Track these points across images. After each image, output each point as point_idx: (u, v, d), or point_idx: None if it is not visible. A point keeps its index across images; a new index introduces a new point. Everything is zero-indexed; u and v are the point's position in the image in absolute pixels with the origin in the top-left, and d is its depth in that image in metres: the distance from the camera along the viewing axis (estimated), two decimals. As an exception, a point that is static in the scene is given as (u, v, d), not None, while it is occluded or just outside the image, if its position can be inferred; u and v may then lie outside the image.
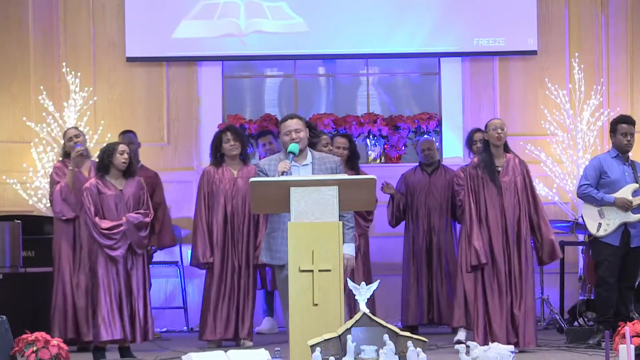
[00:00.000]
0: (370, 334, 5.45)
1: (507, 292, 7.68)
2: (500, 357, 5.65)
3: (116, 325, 7.57)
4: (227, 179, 8.58)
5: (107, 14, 10.79)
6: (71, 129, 8.66)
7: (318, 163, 6.86)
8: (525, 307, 7.65)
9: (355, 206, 6.36)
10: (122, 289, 7.62)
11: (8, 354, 6.43)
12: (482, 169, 7.78)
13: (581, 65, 10.48)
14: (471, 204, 7.77)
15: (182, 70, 10.81)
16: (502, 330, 7.63)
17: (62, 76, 10.55)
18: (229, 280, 8.50)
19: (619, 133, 8.10)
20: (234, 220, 8.54)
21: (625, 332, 5.78)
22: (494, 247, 7.69)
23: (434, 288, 9.35)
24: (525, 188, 7.77)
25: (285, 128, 6.87)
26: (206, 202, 8.61)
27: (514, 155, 7.89)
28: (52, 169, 8.60)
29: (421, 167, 9.51)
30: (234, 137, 8.61)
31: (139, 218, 7.71)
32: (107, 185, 7.73)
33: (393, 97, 11.14)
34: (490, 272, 7.70)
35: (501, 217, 7.72)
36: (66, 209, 8.29)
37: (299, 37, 10.70)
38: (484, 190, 7.76)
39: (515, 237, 7.71)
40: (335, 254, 5.90)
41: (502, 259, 7.68)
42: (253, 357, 6.26)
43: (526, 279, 7.70)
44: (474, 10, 10.64)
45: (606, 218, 8.06)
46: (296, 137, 6.80)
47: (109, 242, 7.61)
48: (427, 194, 9.37)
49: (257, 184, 6.17)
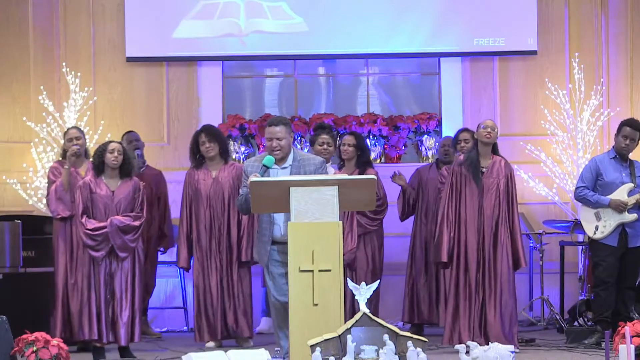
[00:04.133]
0: (370, 334, 5.45)
1: (477, 292, 7.66)
2: (500, 357, 5.65)
3: (92, 326, 7.57)
4: (208, 179, 8.59)
5: (107, 14, 10.79)
6: (72, 129, 8.63)
7: (297, 165, 6.79)
8: (500, 308, 7.61)
9: (355, 206, 6.38)
10: (101, 291, 7.61)
11: (8, 354, 6.43)
12: (466, 167, 7.78)
13: (581, 65, 10.48)
14: (447, 200, 7.75)
15: (182, 70, 10.81)
16: (466, 330, 7.61)
17: (62, 76, 10.55)
18: (216, 280, 8.50)
19: (621, 134, 8.10)
20: (214, 220, 8.54)
21: (625, 332, 5.78)
22: (468, 246, 7.68)
23: (437, 286, 9.31)
24: (507, 192, 7.73)
25: (268, 134, 6.80)
26: (188, 205, 8.64)
27: (502, 158, 7.85)
28: (49, 169, 8.60)
29: (437, 165, 9.46)
30: (209, 138, 8.60)
31: (124, 221, 7.64)
32: (99, 185, 7.71)
33: (393, 97, 11.14)
34: (462, 270, 7.69)
35: (479, 216, 7.70)
36: (61, 207, 8.27)
37: (299, 37, 10.70)
38: (465, 189, 7.76)
39: (491, 237, 7.67)
40: (335, 254, 5.90)
41: (474, 258, 7.66)
42: (253, 357, 6.26)
43: (502, 280, 7.63)
44: (474, 10, 10.64)
45: (603, 220, 8.06)
46: (277, 146, 6.75)
47: (91, 243, 7.60)
48: (438, 191, 9.31)
49: (257, 184, 6.17)
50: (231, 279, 8.51)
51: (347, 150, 8.71)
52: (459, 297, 7.68)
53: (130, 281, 7.70)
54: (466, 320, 7.65)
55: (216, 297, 8.49)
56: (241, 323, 8.49)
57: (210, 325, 8.49)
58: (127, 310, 7.64)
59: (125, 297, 7.65)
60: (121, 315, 7.63)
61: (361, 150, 8.77)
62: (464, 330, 7.63)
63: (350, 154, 8.71)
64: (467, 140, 8.80)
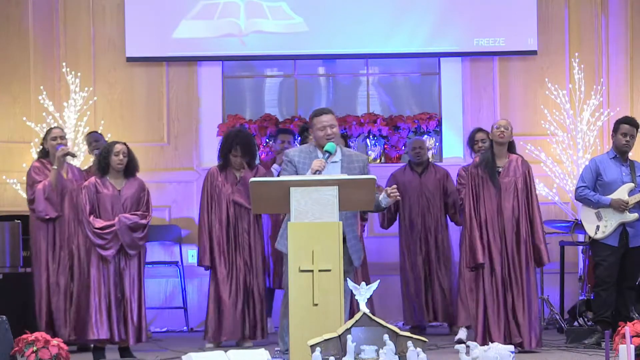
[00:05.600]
0: (370, 334, 5.45)
1: (505, 293, 7.65)
2: (500, 357, 5.65)
3: (103, 325, 7.57)
4: (230, 181, 8.59)
5: (107, 14, 10.79)
6: (56, 129, 8.52)
7: (347, 161, 6.79)
8: (527, 308, 7.62)
9: (355, 206, 6.36)
10: (112, 290, 7.62)
11: (8, 354, 6.43)
12: (482, 169, 7.76)
13: (581, 65, 10.48)
14: (471, 203, 7.74)
15: (182, 70, 10.81)
16: (499, 331, 7.59)
17: (62, 76, 10.55)
18: (236, 281, 8.51)
19: (620, 132, 8.11)
20: (237, 223, 8.54)
21: (625, 332, 5.77)
22: (492, 247, 7.66)
23: (431, 288, 9.34)
24: (526, 189, 7.72)
25: (320, 123, 6.77)
26: (209, 204, 8.62)
27: (519, 156, 7.84)
28: (31, 168, 8.42)
29: (410, 167, 9.48)
30: (242, 153, 8.56)
31: (132, 219, 7.68)
32: (105, 185, 7.73)
33: (393, 97, 11.14)
34: (488, 272, 7.68)
35: (499, 217, 7.67)
36: (49, 208, 8.24)
37: (299, 37, 10.70)
38: (483, 190, 7.74)
39: (514, 237, 7.65)
40: (335, 254, 5.90)
41: (499, 260, 7.64)
42: (253, 357, 6.26)
43: (527, 280, 7.65)
44: (474, 10, 10.64)
45: (604, 219, 8.06)
46: (331, 133, 6.73)
47: (100, 242, 7.60)
48: (419, 194, 9.33)
49: (257, 184, 6.17)
50: (251, 279, 8.51)
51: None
52: (486, 299, 7.65)
53: (137, 280, 7.72)
54: (495, 321, 7.61)
55: (235, 298, 8.47)
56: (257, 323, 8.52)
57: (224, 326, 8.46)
58: (136, 309, 7.67)
59: (134, 296, 7.66)
60: (131, 314, 7.64)
61: None
62: (495, 331, 7.57)
63: None
64: (484, 140, 8.76)
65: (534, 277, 7.71)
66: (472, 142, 8.95)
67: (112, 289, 7.62)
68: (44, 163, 8.35)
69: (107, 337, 7.59)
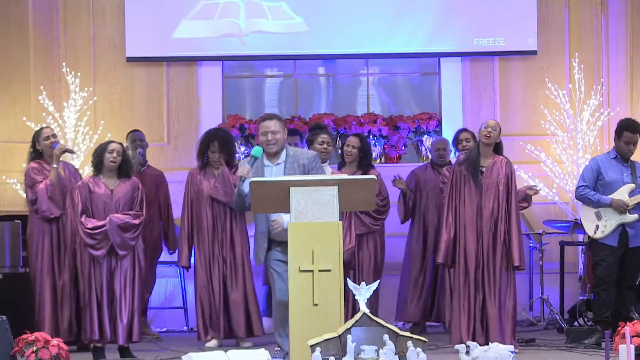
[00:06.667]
0: (370, 334, 5.45)
1: (476, 294, 7.65)
2: (500, 357, 5.65)
3: (94, 327, 7.58)
4: (209, 179, 8.61)
5: (107, 14, 10.80)
6: (46, 129, 8.45)
7: (290, 161, 6.80)
8: (499, 307, 7.59)
9: (355, 206, 6.37)
10: (103, 290, 7.61)
11: (8, 354, 6.43)
12: (465, 167, 7.76)
13: (581, 65, 10.48)
14: (450, 201, 7.75)
15: (182, 70, 10.82)
16: (466, 328, 7.61)
17: (62, 76, 10.55)
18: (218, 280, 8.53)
19: (622, 140, 8.08)
20: (216, 220, 8.56)
21: (625, 332, 5.77)
22: (467, 245, 7.67)
23: (440, 287, 9.32)
24: (507, 191, 7.70)
25: (263, 128, 6.81)
26: (190, 205, 8.65)
27: (505, 158, 7.79)
28: (28, 169, 8.29)
29: (432, 166, 9.48)
30: (220, 148, 8.62)
31: (124, 219, 7.64)
32: (98, 184, 7.71)
33: (393, 97, 11.14)
34: (462, 271, 7.68)
35: (478, 216, 7.67)
36: (53, 207, 8.23)
37: (299, 37, 10.70)
38: (465, 188, 7.74)
39: (490, 237, 7.64)
40: (335, 254, 5.90)
41: (473, 258, 7.65)
42: (253, 357, 6.26)
43: (501, 280, 7.60)
44: (474, 10, 10.65)
45: (604, 219, 8.06)
46: (272, 139, 6.76)
47: (91, 242, 7.59)
48: (438, 194, 9.33)
49: (257, 184, 6.17)
50: (235, 278, 8.53)
51: (351, 152, 8.67)
52: (460, 297, 7.68)
53: (130, 281, 7.69)
54: (466, 320, 7.64)
55: (219, 297, 8.50)
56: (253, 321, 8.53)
57: (211, 326, 8.50)
58: (126, 309, 7.64)
59: (124, 296, 7.64)
60: (120, 314, 7.62)
61: (364, 153, 8.73)
62: (464, 330, 7.62)
63: (353, 156, 8.67)
64: (469, 140, 8.82)
65: (512, 279, 7.67)
66: (456, 142, 9.01)
67: (104, 289, 7.62)
68: (41, 163, 8.33)
69: (98, 338, 7.59)
